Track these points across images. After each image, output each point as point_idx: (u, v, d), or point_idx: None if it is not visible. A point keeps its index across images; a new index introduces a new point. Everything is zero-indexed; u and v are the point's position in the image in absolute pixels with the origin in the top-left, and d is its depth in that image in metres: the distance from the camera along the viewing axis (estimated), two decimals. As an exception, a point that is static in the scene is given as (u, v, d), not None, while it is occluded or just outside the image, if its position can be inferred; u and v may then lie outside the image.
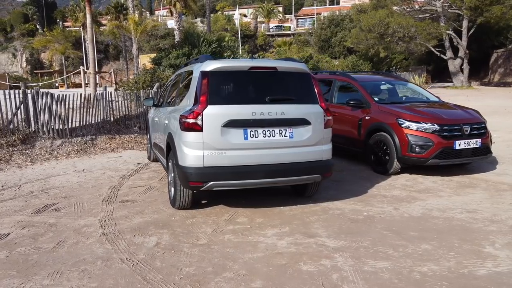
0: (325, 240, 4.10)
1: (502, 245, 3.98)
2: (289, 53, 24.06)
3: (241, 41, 49.19)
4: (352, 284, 3.24)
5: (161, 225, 4.55)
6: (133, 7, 35.15)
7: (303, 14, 64.12)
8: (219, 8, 76.17)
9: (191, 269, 3.50)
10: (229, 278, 3.34)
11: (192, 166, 4.43)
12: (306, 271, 3.45)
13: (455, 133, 6.48)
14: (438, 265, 3.56)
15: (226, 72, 4.62)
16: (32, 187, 6.10)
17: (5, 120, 8.29)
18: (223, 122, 4.39)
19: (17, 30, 58.28)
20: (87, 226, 4.48)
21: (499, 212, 4.97)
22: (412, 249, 3.92)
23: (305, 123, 4.70)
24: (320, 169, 4.86)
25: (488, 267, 3.54)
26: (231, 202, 5.30)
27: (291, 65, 4.94)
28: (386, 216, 4.85)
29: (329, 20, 44.45)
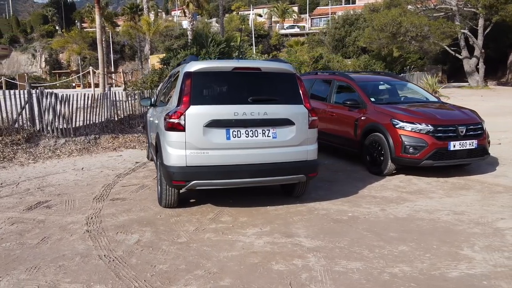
0: (302, 240, 4.12)
1: (481, 248, 3.94)
2: (299, 53, 24.06)
3: (255, 41, 49.30)
4: (319, 284, 3.26)
5: (145, 223, 4.64)
6: (147, 8, 35.59)
7: (318, 14, 63.85)
8: (234, 8, 76.49)
9: (164, 266, 3.57)
10: (199, 276, 3.39)
11: (175, 165, 4.51)
12: (277, 270, 3.48)
13: (449, 134, 6.40)
14: (410, 267, 3.55)
15: (209, 72, 4.68)
16: (29, 184, 6.28)
17: (11, 120, 8.52)
18: (205, 122, 4.45)
19: (37, 31, 59.60)
20: (74, 223, 4.59)
21: (487, 214, 4.90)
22: (388, 250, 3.91)
23: (288, 124, 4.73)
24: (305, 169, 4.88)
25: (461, 269, 3.51)
26: (218, 201, 5.36)
27: (276, 65, 4.97)
28: (371, 217, 4.84)
29: (343, 19, 44.14)
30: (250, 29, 49.35)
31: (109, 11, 46.06)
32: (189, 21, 35.05)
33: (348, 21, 43.33)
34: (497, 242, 4.08)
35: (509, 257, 3.72)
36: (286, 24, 60.82)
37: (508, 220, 4.67)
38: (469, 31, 28.24)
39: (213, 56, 16.55)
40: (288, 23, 61.84)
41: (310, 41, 48.18)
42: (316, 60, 21.70)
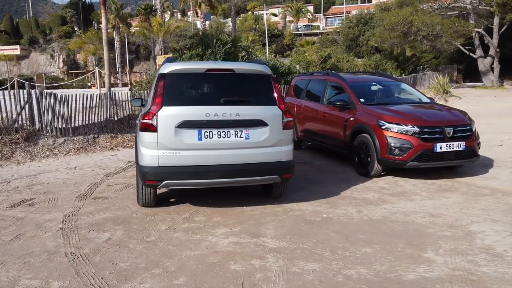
0: (267, 241, 4.15)
1: (446, 251, 3.90)
2: (308, 53, 23.95)
3: (269, 40, 49.26)
4: (272, 284, 3.29)
5: (119, 221, 4.73)
6: (161, 9, 35.90)
7: (332, 13, 63.42)
8: (250, 8, 76.57)
9: (125, 264, 3.65)
10: (156, 274, 3.46)
11: (147, 165, 4.59)
12: (233, 270, 3.52)
13: (436, 136, 6.33)
14: (368, 269, 3.54)
15: (182, 74, 4.74)
16: (20, 182, 6.46)
17: (10, 119, 8.76)
18: (176, 123, 4.52)
19: (55, 32, 60.75)
20: (50, 221, 4.72)
21: (463, 217, 4.84)
22: (351, 252, 3.90)
23: (262, 125, 4.75)
24: (279, 170, 4.90)
25: (418, 272, 3.49)
26: (197, 201, 5.43)
27: (250, 67, 5.00)
28: (344, 219, 4.83)
29: (357, 18, 43.74)
30: (263, 29, 49.31)
31: (124, 12, 46.56)
32: (201, 21, 35.39)
33: (362, 20, 42.92)
34: (464, 245, 4.03)
35: (471, 261, 3.68)
36: (301, 24, 60.60)
37: (483, 224, 4.60)
38: (484, 30, 27.66)
39: (218, 57, 16.68)
40: (302, 22, 61.59)
41: (323, 40, 47.89)
42: (325, 60, 21.57)
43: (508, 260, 3.70)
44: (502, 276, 3.40)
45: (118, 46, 44.31)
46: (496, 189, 6.02)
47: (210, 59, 16.44)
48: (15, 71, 56.54)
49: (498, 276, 3.40)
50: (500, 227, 4.48)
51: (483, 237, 4.23)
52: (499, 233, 4.32)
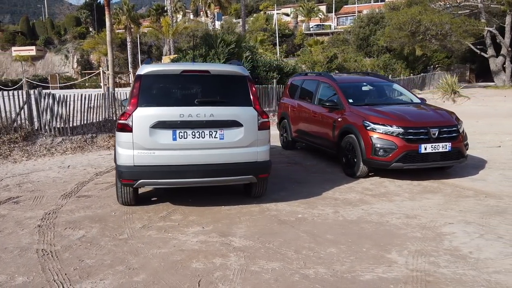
0: (234, 240, 4.21)
1: (410, 252, 3.91)
2: (314, 53, 23.84)
3: (280, 40, 49.22)
4: (228, 282, 3.35)
5: (97, 219, 4.84)
6: (171, 9, 36.25)
7: (344, 12, 63.01)
8: (262, 8, 76.62)
9: (91, 261, 3.75)
10: (118, 271, 3.55)
11: (123, 164, 4.69)
12: (193, 268, 3.59)
13: (421, 136, 6.30)
14: (327, 269, 3.58)
15: (158, 75, 4.83)
16: (11, 181, 6.64)
17: (9, 119, 8.98)
18: (151, 123, 4.61)
19: (70, 33, 61.77)
20: (30, 218, 4.86)
21: (438, 218, 4.83)
22: (315, 252, 3.94)
23: (236, 125, 4.81)
24: (254, 170, 4.95)
25: (376, 272, 3.51)
26: (177, 200, 5.51)
27: (226, 68, 5.07)
28: (319, 219, 4.86)
29: (368, 18, 43.36)
30: (274, 29, 49.30)
31: (138, 13, 47.09)
32: (210, 21, 35.60)
33: (373, 20, 42.54)
34: (430, 246, 4.03)
35: (433, 262, 3.68)
36: (312, 23, 60.34)
37: (455, 225, 4.59)
38: (496, 29, 27.17)
39: (222, 57, 16.77)
40: (314, 22, 61.32)
41: (334, 40, 47.66)
42: (331, 59, 21.47)
43: (471, 262, 3.69)
44: (459, 277, 3.40)
45: (130, 47, 44.72)
46: (481, 191, 5.96)
47: (213, 59, 16.55)
48: (31, 71, 57.70)
49: (455, 277, 3.40)
50: (472, 229, 4.46)
51: (452, 239, 4.22)
52: (469, 235, 4.30)
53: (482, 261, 3.70)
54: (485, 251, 3.91)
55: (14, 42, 61.39)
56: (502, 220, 4.72)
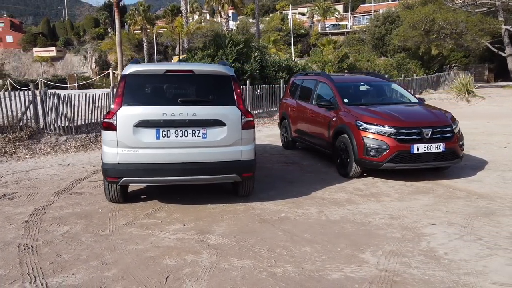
0: (211, 238, 4.25)
1: (384, 252, 3.88)
2: (325, 53, 23.68)
3: (295, 40, 49.08)
4: (195, 279, 3.40)
5: (83, 216, 4.96)
6: (186, 10, 36.59)
7: (361, 12, 62.40)
8: (279, 7, 76.53)
9: (68, 256, 3.85)
10: (91, 266, 3.64)
11: (108, 162, 4.79)
12: (164, 264, 3.65)
13: (413, 137, 6.23)
14: (296, 267, 3.59)
15: (142, 75, 4.91)
16: (11, 178, 6.84)
17: (15, 118, 9.24)
18: (134, 122, 4.69)
19: (89, 34, 62.93)
20: (20, 214, 5.00)
21: (423, 219, 4.78)
22: (289, 250, 3.95)
23: (219, 124, 4.86)
24: (238, 169, 4.99)
25: (345, 272, 3.50)
26: (165, 198, 5.59)
27: (210, 68, 5.13)
28: (301, 218, 4.87)
29: (384, 17, 42.88)
30: (289, 28, 49.18)
31: (151, 13, 47.63)
32: (224, 21, 35.75)
33: (389, 19, 42.03)
34: (407, 247, 4.00)
35: (405, 263, 3.65)
36: (328, 23, 59.95)
37: (438, 226, 4.53)
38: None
39: (230, 57, 16.84)
40: (330, 21, 60.93)
41: (350, 39, 47.29)
42: (341, 59, 21.31)
43: (444, 263, 3.65)
44: (428, 278, 3.37)
45: (146, 47, 45.27)
46: (474, 192, 5.87)
47: (222, 59, 16.64)
48: (51, 71, 59.03)
49: (424, 278, 3.37)
50: (453, 230, 4.40)
51: (430, 240, 4.17)
52: (448, 236, 4.25)
53: (455, 262, 3.66)
54: (461, 252, 3.86)
55: (36, 43, 62.87)
56: (487, 222, 4.64)
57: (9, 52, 65.02)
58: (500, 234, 4.27)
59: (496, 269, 3.51)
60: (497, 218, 4.77)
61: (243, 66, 17.03)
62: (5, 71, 62.48)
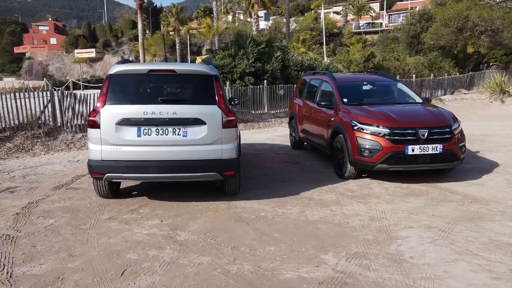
0: (181, 234, 4.33)
1: (348, 254, 3.83)
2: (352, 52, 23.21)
3: (327, 40, 48.56)
4: (150, 273, 3.49)
5: (71, 210, 5.17)
6: (216, 11, 36.98)
7: (396, 10, 60.80)
8: (314, 6, 75.98)
9: (42, 247, 4.04)
10: (59, 257, 3.80)
11: (93, 159, 4.98)
12: (127, 258, 3.77)
13: (408, 137, 6.05)
14: (253, 266, 3.60)
15: (126, 75, 5.06)
16: (20, 172, 7.21)
17: (34, 116, 9.72)
18: (117, 120, 4.85)
19: (126, 36, 65.02)
20: (14, 207, 5.29)
21: (402, 222, 4.66)
22: (253, 249, 3.97)
23: (199, 123, 4.93)
24: (218, 167, 5.04)
25: (300, 272, 3.49)
26: (154, 195, 5.73)
27: (192, 67, 5.20)
28: (279, 218, 4.86)
29: (419, 14, 41.56)
30: (321, 28, 48.68)
31: (183, 15, 48.53)
32: (254, 21, 35.87)
33: (425, 16, 40.72)
34: (374, 250, 3.92)
35: (364, 265, 3.59)
36: (362, 22, 58.90)
37: (415, 229, 4.41)
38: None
39: (251, 57, 16.92)
40: (364, 20, 59.82)
41: (384, 38, 46.21)
42: (368, 58, 20.87)
43: (405, 267, 3.55)
44: (381, 281, 3.30)
45: (179, 48, 46.21)
46: (470, 196, 5.65)
47: (242, 59, 16.75)
48: (90, 72, 61.42)
49: (377, 281, 3.30)
50: (429, 234, 4.27)
51: (402, 243, 4.07)
52: (421, 240, 4.12)
53: (417, 266, 3.55)
54: (427, 256, 3.74)
55: (77, 45, 65.68)
56: (470, 227, 4.46)
57: (53, 53, 68.23)
58: (478, 240, 4.10)
59: (456, 275, 3.38)
60: (482, 223, 4.58)
61: (264, 66, 17.07)
62: (49, 71, 65.68)
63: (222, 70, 16.51)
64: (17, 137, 9.33)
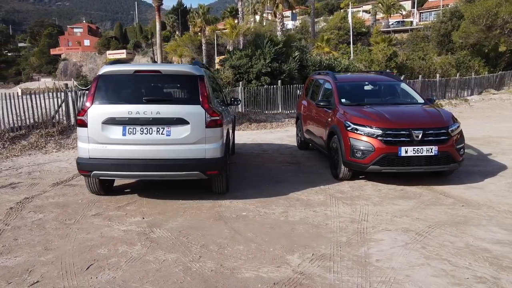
0: (156, 231, 4.42)
1: (314, 255, 3.80)
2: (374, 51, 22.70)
3: (355, 39, 47.88)
4: (114, 268, 3.58)
5: (62, 205, 5.37)
6: (241, 11, 37.14)
7: (428, 7, 59.15)
8: (343, 5, 75.10)
9: (23, 240, 4.22)
10: (35, 250, 3.97)
11: (81, 157, 5.15)
12: (97, 253, 3.89)
13: (401, 138, 5.92)
14: (215, 264, 3.64)
15: (113, 75, 5.20)
16: (27, 169, 7.53)
17: (48, 115, 10.12)
18: (103, 119, 5.00)
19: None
20: (10, 201, 5.53)
21: (382, 225, 4.57)
22: (222, 247, 4.00)
23: (182, 123, 5.01)
24: (201, 166, 5.10)
25: (260, 272, 3.49)
26: (145, 193, 5.86)
27: (177, 68, 5.29)
28: (259, 218, 4.87)
29: (451, 12, 40.35)
30: (348, 27, 48.04)
31: (210, 16, 49.00)
32: (279, 21, 35.80)
33: (457, 14, 39.50)
34: (342, 252, 3.87)
35: (326, 267, 3.55)
36: (392, 20, 57.70)
37: (391, 232, 4.32)
38: None
39: (268, 57, 16.94)
40: (394, 18, 58.58)
41: (413, 37, 45.16)
42: (390, 58, 20.42)
43: (369, 270, 3.49)
44: (337, 284, 3.26)
45: (205, 48, 46.70)
46: (464, 199, 5.48)
47: (259, 59, 16.79)
48: (121, 72, 62.98)
49: (334, 283, 3.27)
50: (404, 237, 4.17)
51: (373, 245, 4.00)
52: (393, 243, 4.04)
53: (381, 269, 3.49)
54: (394, 260, 3.66)
55: (109, 47, 67.62)
56: (450, 231, 4.33)
57: (86, 55, 70.52)
58: (453, 245, 3.98)
59: (417, 279, 3.29)
60: (466, 228, 4.43)
61: (281, 66, 17.05)
62: (82, 72, 67.93)
63: (238, 70, 16.62)
64: (32, 135, 9.74)
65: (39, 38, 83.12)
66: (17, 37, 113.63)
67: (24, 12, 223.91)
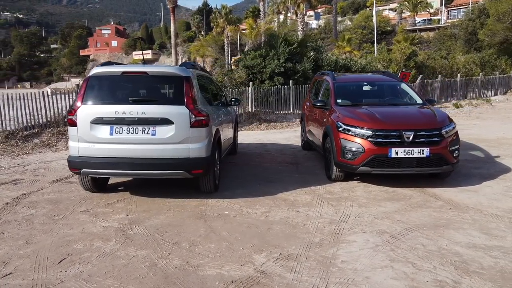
0: (135, 228, 4.54)
1: (281, 255, 3.83)
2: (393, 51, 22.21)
3: (379, 38, 47.13)
4: (85, 263, 3.72)
5: (55, 201, 5.58)
6: (263, 11, 37.21)
7: (457, 5, 57.51)
8: (369, 4, 74.04)
9: (8, 234, 4.43)
10: (16, 244, 4.15)
11: (72, 155, 5.34)
12: (72, 248, 4.03)
13: (392, 140, 5.84)
14: (182, 261, 3.72)
15: (102, 76, 5.36)
16: (34, 166, 7.84)
17: (60, 114, 10.48)
18: (91, 119, 5.17)
19: (180, 37, 67.23)
20: (8, 197, 5.79)
21: (360, 226, 4.55)
22: (194, 245, 4.08)
23: (167, 123, 5.12)
24: (185, 166, 5.20)
25: (222, 270, 3.55)
26: (136, 191, 6.01)
27: (164, 69, 5.40)
28: (239, 217, 4.92)
29: (479, 9, 39.14)
30: (373, 26, 47.34)
31: (232, 16, 49.17)
32: (300, 21, 35.68)
33: (485, 11, 38.27)
34: (310, 252, 3.89)
35: (288, 267, 3.58)
36: (419, 18, 56.45)
37: (366, 234, 4.30)
38: None
39: (282, 57, 16.94)
40: (421, 16, 57.31)
41: (440, 35, 44.09)
42: (409, 57, 20.02)
43: (331, 271, 3.50)
44: (295, 284, 3.28)
45: (227, 48, 46.97)
46: (454, 202, 5.37)
47: (273, 59, 16.82)
48: (147, 73, 64.17)
49: (291, 283, 3.29)
50: (377, 239, 4.14)
51: (344, 247, 3.99)
52: (364, 244, 4.02)
53: (343, 271, 3.49)
54: (359, 262, 3.64)
55: (135, 47, 69.00)
56: (427, 234, 4.27)
57: (114, 55, 72.15)
58: (425, 248, 3.92)
59: (375, 281, 3.28)
60: (444, 231, 4.35)
61: (295, 66, 17.02)
62: (110, 72, 69.36)
63: (252, 70, 16.69)
64: (44, 134, 10.12)
65: (70, 40, 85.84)
66: (50, 39, 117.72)
67: (57, 15, 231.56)
